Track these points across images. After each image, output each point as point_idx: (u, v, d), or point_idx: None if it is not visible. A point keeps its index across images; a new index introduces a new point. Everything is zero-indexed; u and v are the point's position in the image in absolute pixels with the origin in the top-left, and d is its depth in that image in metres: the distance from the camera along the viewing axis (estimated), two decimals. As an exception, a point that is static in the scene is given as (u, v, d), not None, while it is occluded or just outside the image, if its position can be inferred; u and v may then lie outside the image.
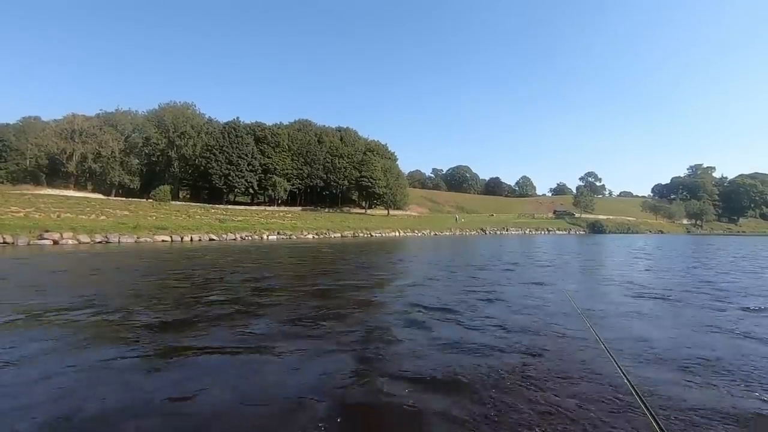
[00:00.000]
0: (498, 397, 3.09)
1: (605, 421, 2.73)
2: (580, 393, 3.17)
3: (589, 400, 3.04)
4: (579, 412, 2.86)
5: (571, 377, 3.51)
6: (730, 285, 9.56)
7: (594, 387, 3.30)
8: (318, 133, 74.00)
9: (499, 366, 3.73)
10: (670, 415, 2.83)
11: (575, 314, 5.77)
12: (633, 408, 2.89)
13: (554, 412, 2.85)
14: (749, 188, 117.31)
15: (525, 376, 3.51)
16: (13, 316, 5.47)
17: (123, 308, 5.99)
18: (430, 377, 3.47)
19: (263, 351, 4.15)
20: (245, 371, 3.63)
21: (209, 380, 3.36)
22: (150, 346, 4.24)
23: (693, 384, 3.39)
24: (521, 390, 3.21)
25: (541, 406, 2.93)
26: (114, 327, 5.01)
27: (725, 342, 4.71)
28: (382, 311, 6.27)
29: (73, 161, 53.97)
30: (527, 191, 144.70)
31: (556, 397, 3.08)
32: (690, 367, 3.81)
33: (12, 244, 19.12)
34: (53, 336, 4.56)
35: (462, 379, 3.43)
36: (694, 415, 2.86)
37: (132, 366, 3.70)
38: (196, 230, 28.43)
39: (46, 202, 30.97)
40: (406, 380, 3.39)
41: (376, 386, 3.28)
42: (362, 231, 42.32)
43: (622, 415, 2.81)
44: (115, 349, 4.10)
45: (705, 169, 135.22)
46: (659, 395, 3.16)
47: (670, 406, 2.99)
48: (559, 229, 74.78)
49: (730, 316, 6.12)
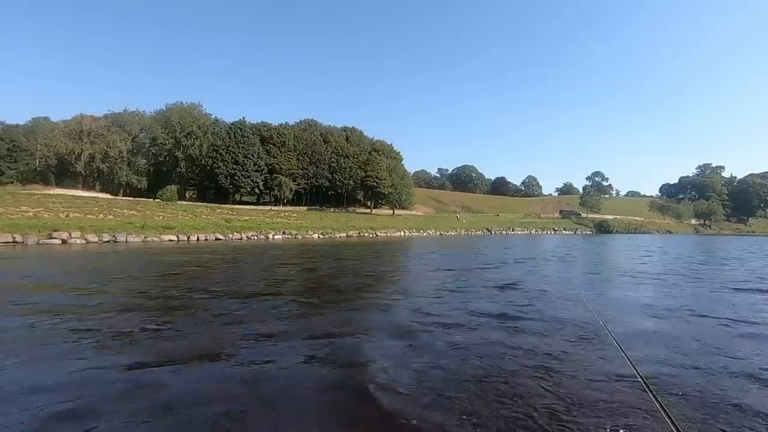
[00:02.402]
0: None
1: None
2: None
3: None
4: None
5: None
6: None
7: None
8: (323, 132, 74.18)
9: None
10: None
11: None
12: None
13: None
14: (759, 188, 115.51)
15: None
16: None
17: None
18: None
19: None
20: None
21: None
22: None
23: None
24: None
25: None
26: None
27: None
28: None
29: (82, 161, 54.62)
30: (533, 191, 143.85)
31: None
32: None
33: (22, 243, 19.35)
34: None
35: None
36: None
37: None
38: (202, 230, 28.56)
39: (55, 202, 31.33)
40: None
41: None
42: (367, 231, 42.28)
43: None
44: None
45: (714, 168, 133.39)
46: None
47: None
48: (565, 229, 74.29)
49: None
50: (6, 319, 5.23)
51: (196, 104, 65.98)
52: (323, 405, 2.95)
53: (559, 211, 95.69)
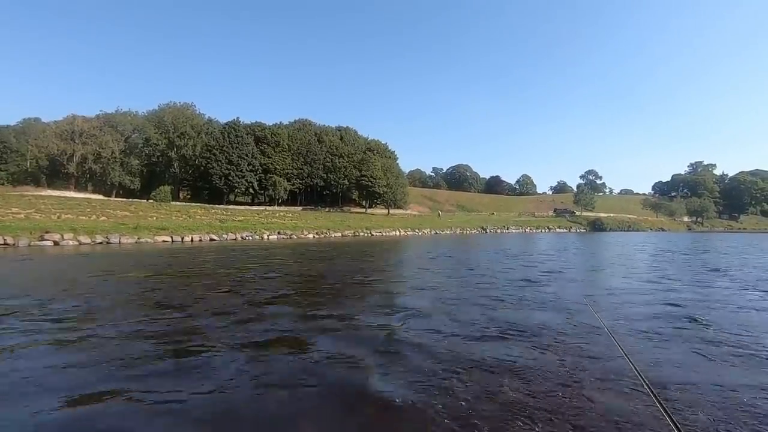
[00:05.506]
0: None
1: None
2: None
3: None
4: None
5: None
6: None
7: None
8: (318, 132, 73.96)
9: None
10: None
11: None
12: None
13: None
14: (750, 185, 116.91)
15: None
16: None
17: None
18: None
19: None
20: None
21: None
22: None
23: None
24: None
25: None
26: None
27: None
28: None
29: (74, 162, 54.03)
30: (528, 189, 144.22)
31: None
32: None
33: (13, 245, 19.17)
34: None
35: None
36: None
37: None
38: (196, 230, 28.45)
39: (47, 204, 31.03)
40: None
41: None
42: (363, 230, 42.31)
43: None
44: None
45: (706, 166, 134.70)
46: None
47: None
48: (559, 227, 74.75)
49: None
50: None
51: (189, 104, 65.46)
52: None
53: (553, 210, 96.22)
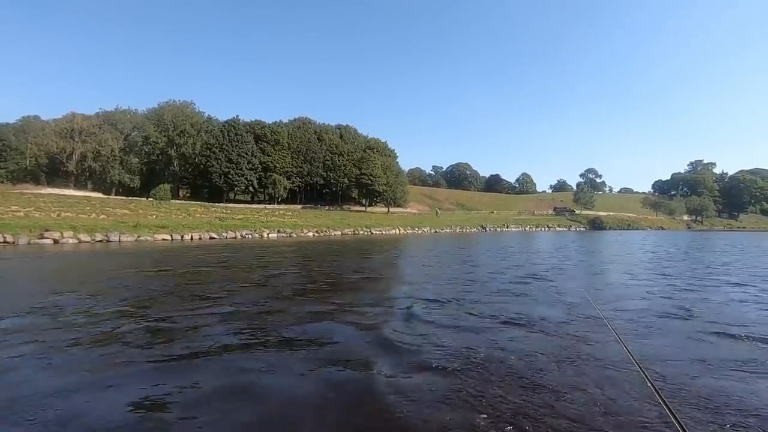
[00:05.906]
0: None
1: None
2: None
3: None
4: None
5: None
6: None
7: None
8: (318, 131, 73.85)
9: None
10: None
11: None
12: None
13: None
14: (749, 184, 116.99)
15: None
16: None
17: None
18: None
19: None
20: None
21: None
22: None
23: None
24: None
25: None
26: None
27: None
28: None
29: (73, 160, 53.96)
30: (528, 188, 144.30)
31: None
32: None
33: (13, 243, 19.18)
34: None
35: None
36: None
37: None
38: (196, 229, 28.47)
39: (46, 202, 31.02)
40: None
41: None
42: (362, 229, 42.33)
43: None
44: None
45: (705, 165, 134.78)
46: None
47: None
48: (559, 225, 74.81)
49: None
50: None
51: (188, 102, 65.28)
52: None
53: (553, 208, 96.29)
